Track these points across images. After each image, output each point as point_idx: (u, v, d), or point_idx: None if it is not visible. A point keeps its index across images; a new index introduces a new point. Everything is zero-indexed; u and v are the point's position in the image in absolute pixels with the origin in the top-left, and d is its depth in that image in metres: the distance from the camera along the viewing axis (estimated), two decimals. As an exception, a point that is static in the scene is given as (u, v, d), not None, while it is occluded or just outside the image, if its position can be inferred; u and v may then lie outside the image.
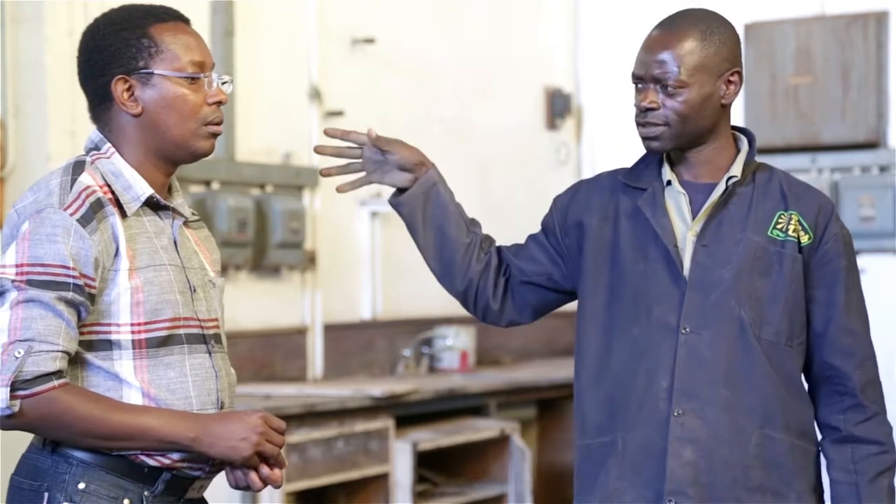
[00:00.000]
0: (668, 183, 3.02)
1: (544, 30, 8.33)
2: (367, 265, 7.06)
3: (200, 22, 6.19)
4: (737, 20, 7.78)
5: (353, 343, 6.95)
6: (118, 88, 2.73)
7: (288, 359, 6.58)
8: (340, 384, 6.38)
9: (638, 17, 6.84)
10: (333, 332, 6.82)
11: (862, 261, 7.48)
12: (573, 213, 3.11)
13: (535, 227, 3.20)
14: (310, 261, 6.66)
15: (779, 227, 2.98)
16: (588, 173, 8.28)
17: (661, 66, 2.94)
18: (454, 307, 8.00)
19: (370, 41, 7.02)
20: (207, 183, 6.16)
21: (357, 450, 5.90)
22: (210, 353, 2.78)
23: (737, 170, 3.00)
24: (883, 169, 7.52)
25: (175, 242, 2.79)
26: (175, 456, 2.68)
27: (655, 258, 2.98)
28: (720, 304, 2.93)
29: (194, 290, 2.78)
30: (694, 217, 2.99)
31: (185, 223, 2.86)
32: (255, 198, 6.34)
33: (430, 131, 7.46)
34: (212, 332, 2.81)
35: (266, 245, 6.37)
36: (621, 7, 8.35)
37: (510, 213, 7.82)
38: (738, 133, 3.07)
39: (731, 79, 2.98)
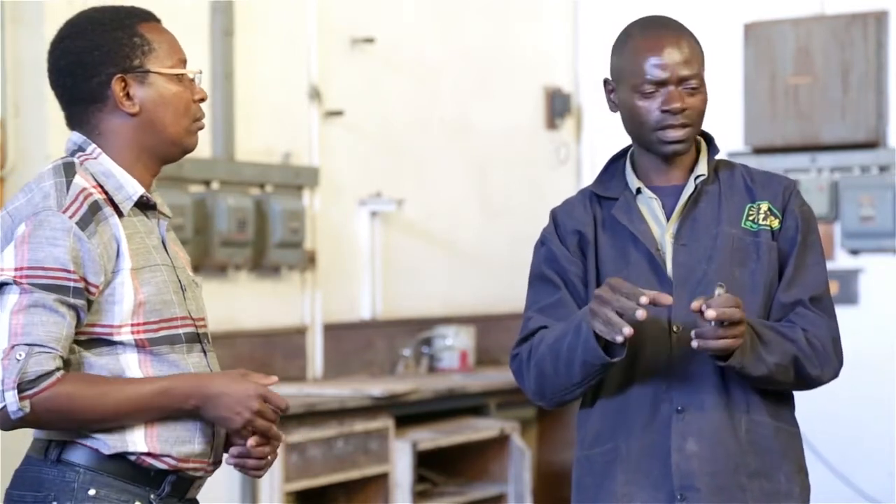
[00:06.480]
0: (638, 191, 3.04)
1: (544, 30, 8.33)
2: (366, 265, 7.06)
3: (200, 22, 6.19)
4: (736, 20, 7.80)
5: (353, 343, 6.95)
6: (116, 88, 2.71)
7: (288, 358, 6.58)
8: (340, 384, 6.38)
9: (637, 18, 6.81)
10: (333, 331, 6.81)
11: (862, 261, 7.60)
12: (567, 225, 3.07)
13: (535, 227, 3.18)
14: (310, 260, 6.66)
15: (750, 218, 3.02)
16: (588, 173, 8.28)
17: (688, 66, 2.97)
18: (454, 307, 8.00)
19: (370, 41, 7.02)
20: (207, 183, 6.15)
21: (357, 449, 5.90)
22: (205, 353, 2.79)
23: (703, 168, 3.04)
24: (883, 169, 7.52)
25: (164, 242, 2.78)
26: (180, 456, 2.69)
27: (637, 263, 2.99)
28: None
29: (185, 290, 2.77)
30: (668, 219, 3.01)
31: None
32: (254, 198, 6.34)
33: (430, 131, 7.46)
34: (203, 330, 2.81)
35: (266, 245, 6.37)
36: (621, 7, 8.34)
37: (510, 213, 7.82)
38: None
39: None
